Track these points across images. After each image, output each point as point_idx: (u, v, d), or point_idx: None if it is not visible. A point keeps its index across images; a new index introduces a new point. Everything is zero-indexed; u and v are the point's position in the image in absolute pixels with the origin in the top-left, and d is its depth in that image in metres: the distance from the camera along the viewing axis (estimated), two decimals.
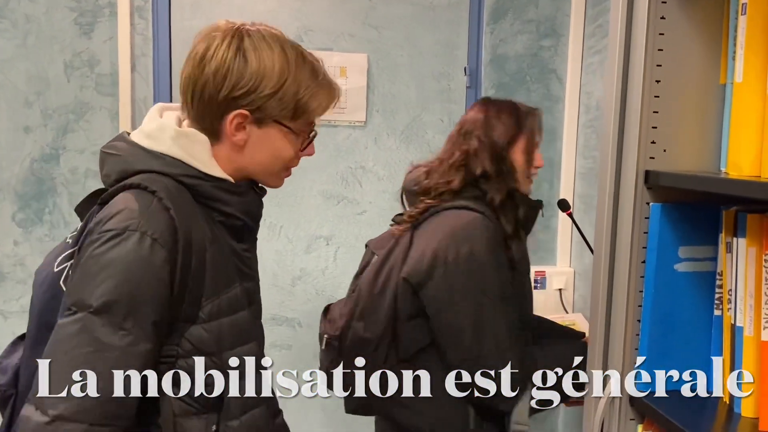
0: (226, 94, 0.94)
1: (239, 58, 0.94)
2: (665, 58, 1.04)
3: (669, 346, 1.08)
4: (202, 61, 0.94)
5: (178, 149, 0.94)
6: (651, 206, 1.06)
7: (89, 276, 0.85)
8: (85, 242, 0.88)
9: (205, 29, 0.99)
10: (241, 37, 0.96)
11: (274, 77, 0.95)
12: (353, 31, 2.03)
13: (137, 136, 0.97)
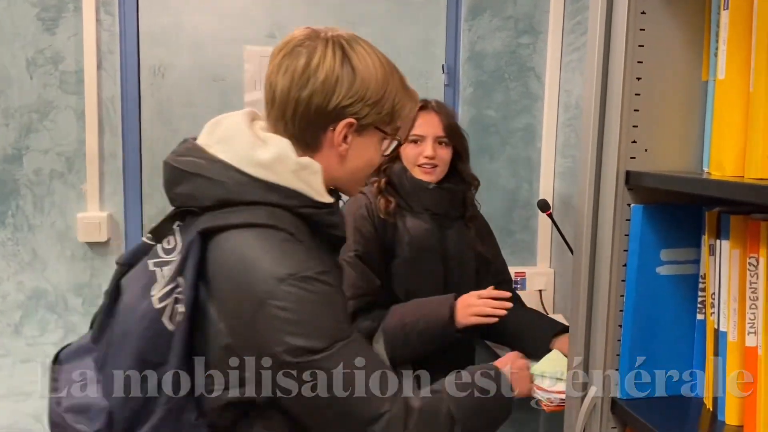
0: (336, 104, 0.94)
1: (346, 66, 0.94)
2: (646, 54, 1.00)
3: (651, 352, 1.05)
4: (306, 73, 0.93)
5: (298, 182, 0.92)
6: (632, 207, 1.03)
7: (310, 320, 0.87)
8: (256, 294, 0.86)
9: (287, 41, 0.99)
10: (341, 45, 0.96)
11: (378, 84, 0.97)
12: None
13: (243, 162, 0.90)
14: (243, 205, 0.90)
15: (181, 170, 0.93)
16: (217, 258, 0.88)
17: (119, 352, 0.88)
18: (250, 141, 0.93)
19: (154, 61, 1.90)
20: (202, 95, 1.94)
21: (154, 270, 0.90)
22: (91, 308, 1.91)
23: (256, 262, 0.86)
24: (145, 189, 1.93)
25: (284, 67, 0.95)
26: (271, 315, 0.85)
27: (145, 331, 0.86)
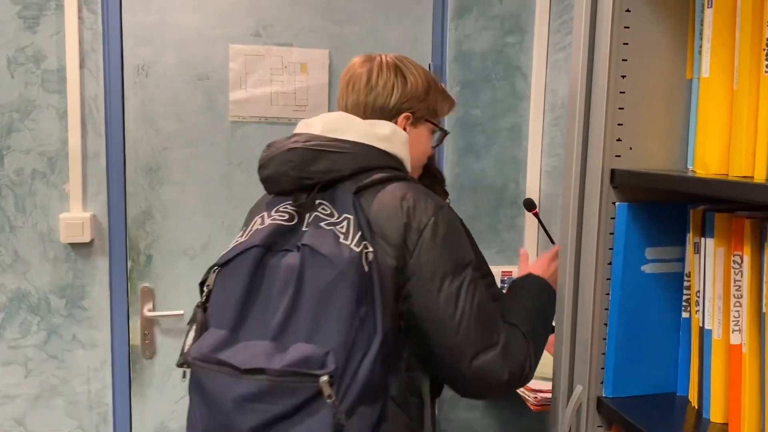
0: (397, 99, 1.26)
1: (398, 75, 1.27)
2: (631, 52, 1.00)
3: (637, 350, 1.05)
4: (369, 84, 1.26)
5: (404, 152, 1.21)
6: (617, 206, 1.02)
7: (452, 248, 1.11)
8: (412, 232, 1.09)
9: (351, 67, 1.31)
10: (395, 63, 1.29)
11: (423, 88, 1.29)
12: (313, 26, 1.97)
13: (366, 137, 1.16)
14: (373, 170, 1.14)
15: (314, 151, 1.12)
16: (376, 207, 1.10)
17: (331, 296, 0.98)
18: (364, 123, 1.19)
19: (138, 59, 1.88)
20: (186, 94, 1.91)
21: (330, 229, 1.05)
22: (74, 310, 1.89)
23: (420, 202, 1.11)
24: (129, 189, 1.90)
25: (351, 86, 1.27)
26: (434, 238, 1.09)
27: (357, 269, 1.00)
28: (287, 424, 0.95)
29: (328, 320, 0.98)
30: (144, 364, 1.97)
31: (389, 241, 1.08)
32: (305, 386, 0.95)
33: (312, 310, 0.99)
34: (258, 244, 1.04)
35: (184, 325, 1.96)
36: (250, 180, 1.97)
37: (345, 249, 1.01)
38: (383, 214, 1.09)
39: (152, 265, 1.94)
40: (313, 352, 0.96)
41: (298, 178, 1.12)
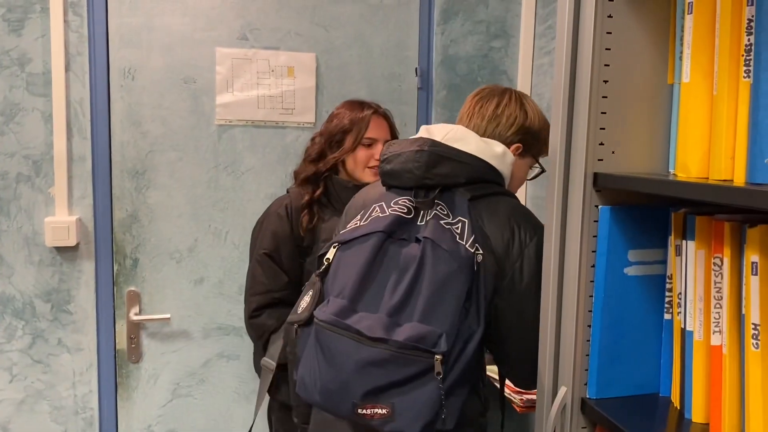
0: (514, 131, 1.37)
1: (522, 110, 1.39)
2: (613, 57, 1.02)
3: (620, 352, 1.06)
4: (495, 112, 1.38)
5: (507, 171, 1.30)
6: (600, 209, 1.03)
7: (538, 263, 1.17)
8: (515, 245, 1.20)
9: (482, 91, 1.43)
10: (519, 96, 1.41)
11: (539, 125, 1.41)
12: (300, 29, 1.97)
13: (483, 153, 1.26)
14: (484, 182, 1.25)
15: (439, 156, 1.22)
16: (487, 216, 1.21)
17: (447, 287, 1.10)
18: (480, 139, 1.29)
19: (124, 63, 1.87)
20: (172, 97, 1.91)
21: (449, 228, 1.17)
22: (59, 314, 1.88)
23: (527, 219, 1.23)
24: (115, 192, 1.90)
25: (479, 107, 1.39)
26: (537, 255, 1.18)
27: (470, 267, 1.12)
28: (397, 392, 1.07)
29: (443, 307, 1.09)
30: (130, 368, 1.96)
31: (495, 249, 1.18)
32: (421, 360, 1.06)
33: (430, 296, 1.10)
34: (382, 230, 1.17)
35: (170, 329, 1.96)
36: (236, 183, 1.97)
37: (462, 248, 1.14)
38: (493, 224, 1.20)
39: (138, 268, 1.93)
40: (428, 332, 1.07)
41: (421, 177, 1.22)
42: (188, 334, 1.98)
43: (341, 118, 1.72)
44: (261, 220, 1.73)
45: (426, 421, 1.06)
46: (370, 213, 1.24)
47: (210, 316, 1.99)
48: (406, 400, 1.06)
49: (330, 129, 1.72)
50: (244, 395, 2.04)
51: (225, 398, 2.03)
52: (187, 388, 2.00)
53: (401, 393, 1.06)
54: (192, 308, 1.98)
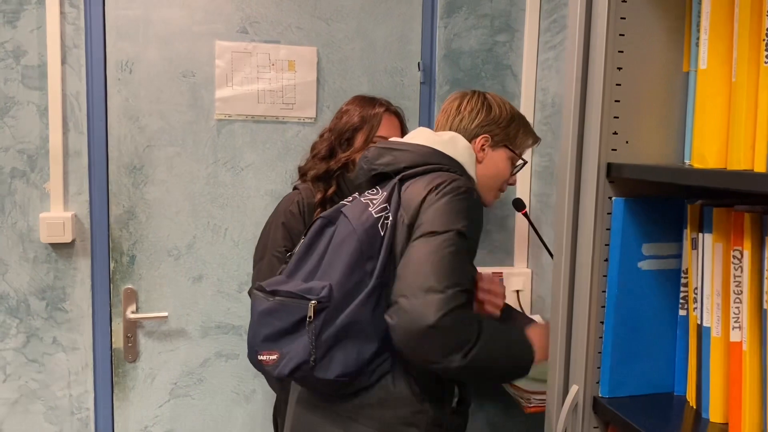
0: (478, 123, 1.46)
1: (483, 104, 1.48)
2: (627, 44, 0.98)
3: (634, 349, 1.03)
4: (458, 110, 1.47)
5: (466, 157, 1.38)
6: (613, 201, 1.00)
7: (452, 214, 1.20)
8: (430, 196, 1.23)
9: (448, 99, 1.54)
10: (483, 95, 1.50)
11: (506, 118, 1.48)
12: (301, 23, 1.94)
13: (429, 141, 1.36)
14: (427, 165, 1.31)
15: (383, 148, 1.37)
16: (408, 187, 1.28)
17: (342, 247, 1.21)
18: (432, 132, 1.41)
19: (121, 55, 1.84)
20: (171, 91, 1.87)
21: (367, 201, 1.28)
22: (54, 312, 1.84)
23: (445, 182, 1.25)
24: (111, 188, 1.86)
25: (445, 112, 1.50)
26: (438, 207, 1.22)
27: (368, 230, 1.21)
28: (287, 340, 1.19)
29: (335, 264, 1.21)
30: (127, 367, 1.92)
31: (409, 208, 1.24)
32: (300, 307, 1.18)
33: (328, 257, 1.23)
34: (323, 216, 1.31)
35: (168, 328, 1.92)
36: (236, 179, 1.94)
37: (365, 214, 1.24)
38: (413, 191, 1.26)
39: (135, 266, 1.90)
40: (316, 285, 1.19)
41: (368, 170, 1.37)
42: (186, 333, 1.95)
43: (351, 115, 1.68)
44: (271, 220, 1.68)
45: (296, 363, 1.17)
46: None
47: (208, 314, 1.95)
48: (292, 346, 1.18)
49: (340, 126, 1.68)
50: (243, 395, 2.00)
51: (224, 398, 1.99)
52: (184, 387, 1.96)
53: (290, 341, 1.19)
54: (190, 306, 1.94)
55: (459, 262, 1.18)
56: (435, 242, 1.17)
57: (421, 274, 1.15)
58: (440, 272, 1.15)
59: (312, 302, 1.16)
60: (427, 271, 1.15)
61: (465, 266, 1.21)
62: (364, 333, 1.18)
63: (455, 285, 1.15)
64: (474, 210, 1.26)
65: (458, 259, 1.18)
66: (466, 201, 1.23)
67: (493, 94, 1.52)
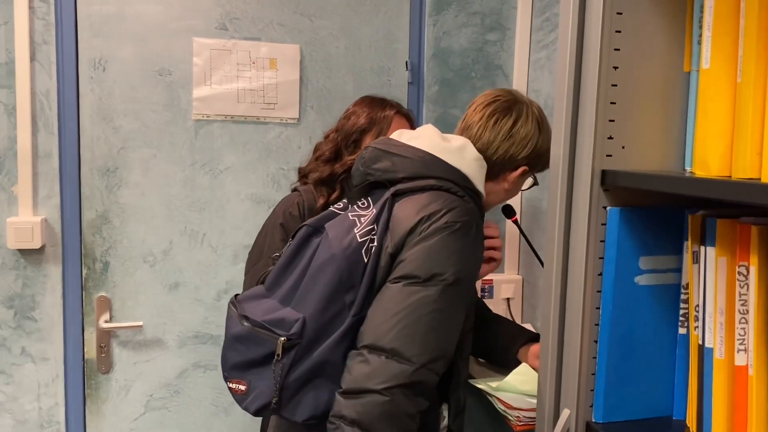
0: (527, 153, 1.26)
1: (538, 130, 1.27)
2: (624, 41, 0.91)
3: (630, 370, 0.96)
4: (512, 130, 1.25)
5: (472, 170, 1.19)
6: (608, 211, 0.93)
7: (442, 257, 1.06)
8: (420, 228, 1.08)
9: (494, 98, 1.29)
10: (537, 114, 1.28)
11: (547, 144, 1.25)
12: (283, 19, 1.86)
13: (434, 148, 1.18)
14: (429, 178, 1.15)
15: (381, 150, 1.19)
16: (399, 208, 1.12)
17: (320, 274, 1.08)
18: (439, 135, 1.21)
19: (94, 53, 1.76)
20: (146, 90, 1.80)
21: (354, 218, 1.13)
22: (23, 321, 1.75)
23: (442, 210, 1.09)
24: (83, 191, 1.78)
25: (492, 119, 1.26)
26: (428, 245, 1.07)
27: (350, 256, 1.08)
28: (256, 371, 1.10)
29: (312, 294, 1.08)
30: (100, 379, 1.84)
31: (395, 235, 1.10)
32: (270, 341, 1.08)
33: (306, 282, 1.10)
34: (308, 224, 1.18)
35: (143, 337, 1.85)
36: (214, 182, 1.86)
37: (349, 237, 1.10)
38: (402, 214, 1.11)
39: (109, 273, 1.82)
40: (289, 316, 1.08)
41: (363, 173, 1.21)
42: (162, 343, 1.87)
43: (358, 116, 1.59)
44: (268, 222, 1.58)
45: (262, 404, 1.08)
46: None
47: (185, 323, 1.88)
48: (259, 379, 1.09)
49: (347, 127, 1.59)
50: (222, 407, 1.92)
51: (202, 411, 1.91)
52: (161, 400, 1.88)
53: (259, 372, 1.09)
54: (166, 315, 1.86)
55: (441, 325, 1.05)
56: (415, 296, 1.03)
57: (392, 331, 1.02)
58: (414, 337, 1.02)
59: (281, 339, 1.05)
60: (399, 329, 1.02)
61: (450, 326, 1.07)
62: (339, 373, 1.06)
63: (429, 358, 1.03)
64: (471, 248, 1.10)
65: (441, 322, 1.05)
66: (461, 239, 1.08)
67: (542, 113, 1.31)
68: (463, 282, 1.08)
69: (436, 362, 1.05)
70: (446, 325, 1.07)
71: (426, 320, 1.03)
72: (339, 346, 1.06)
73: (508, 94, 1.30)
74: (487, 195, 1.26)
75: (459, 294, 1.08)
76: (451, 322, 1.08)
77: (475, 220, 1.12)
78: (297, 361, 1.06)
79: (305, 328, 1.06)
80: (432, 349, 1.04)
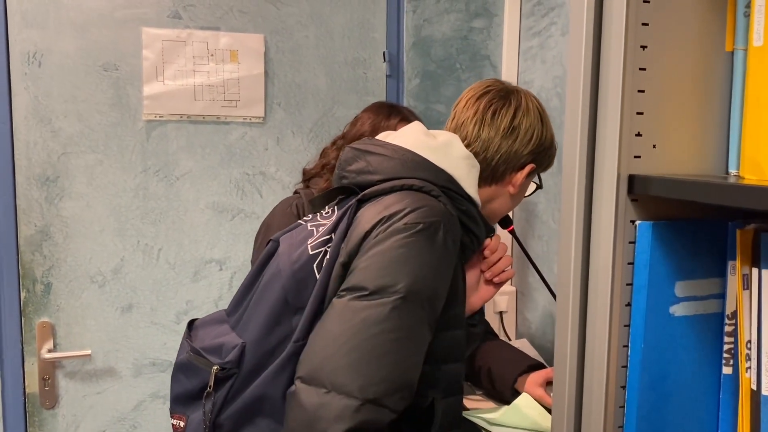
0: (532, 149, 1.12)
1: (540, 121, 1.14)
2: (654, 14, 0.73)
3: (665, 421, 0.79)
4: (513, 123, 1.11)
5: (460, 170, 1.05)
6: (638, 226, 0.76)
7: (396, 264, 0.90)
8: (376, 231, 0.93)
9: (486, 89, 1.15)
10: (536, 103, 1.15)
11: (551, 137, 1.16)
12: (245, 6, 1.71)
13: (416, 146, 1.04)
14: (408, 179, 1.00)
15: (358, 150, 1.06)
16: (361, 212, 0.98)
17: (264, 294, 0.97)
18: (424, 131, 1.09)
19: (28, 45, 1.58)
20: (89, 88, 1.63)
21: (312, 228, 1.02)
22: None
23: (404, 211, 0.94)
24: (20, 203, 1.60)
25: (491, 115, 1.11)
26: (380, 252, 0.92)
27: (297, 272, 0.96)
28: (195, 405, 0.98)
29: (255, 316, 0.98)
30: (44, 415, 1.67)
31: (350, 242, 0.96)
32: (204, 370, 0.97)
33: (252, 305, 1.00)
34: (274, 238, 1.06)
35: (92, 367, 1.67)
36: (170, 191, 1.68)
37: (300, 249, 0.99)
38: (363, 218, 0.97)
39: (52, 295, 1.65)
40: (229, 341, 0.97)
41: (339, 176, 1.09)
42: (115, 373, 1.71)
43: (363, 123, 1.55)
44: (265, 222, 1.50)
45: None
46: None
47: (141, 349, 1.72)
48: (196, 414, 0.98)
49: (351, 134, 1.55)
50: None
51: None
52: None
53: (197, 406, 0.98)
54: (119, 341, 1.71)
55: (393, 349, 0.88)
56: (361, 313, 0.87)
57: (333, 358, 0.86)
58: (359, 365, 0.85)
59: (214, 368, 0.94)
60: (340, 355, 0.86)
61: (406, 351, 0.90)
62: (281, 411, 0.91)
63: (378, 390, 0.86)
64: (436, 258, 0.94)
65: (393, 345, 0.88)
66: (422, 244, 0.92)
67: (535, 96, 1.18)
68: (421, 298, 0.91)
69: (390, 396, 0.87)
70: (400, 349, 0.89)
71: (373, 343, 0.87)
72: (278, 377, 0.92)
73: (499, 84, 1.17)
74: (491, 202, 1.13)
75: (416, 311, 0.91)
76: (407, 346, 0.90)
77: (449, 225, 0.96)
78: (233, 396, 0.94)
79: (244, 355, 0.95)
80: (381, 379, 0.87)
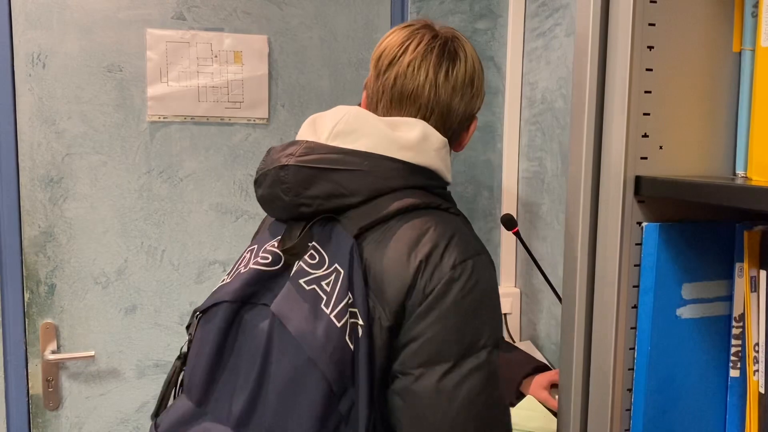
0: (481, 100, 0.99)
1: (478, 59, 0.99)
2: (661, 13, 0.72)
3: (672, 425, 0.77)
4: (465, 81, 0.95)
5: (439, 161, 0.91)
6: (644, 227, 0.75)
7: (473, 317, 0.81)
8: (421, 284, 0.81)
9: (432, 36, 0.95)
10: (471, 47, 0.98)
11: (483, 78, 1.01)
12: (249, 7, 1.68)
13: (386, 148, 0.87)
14: (393, 192, 0.86)
15: (312, 169, 0.84)
16: (379, 255, 0.82)
17: (298, 389, 0.78)
18: (383, 125, 0.88)
19: (32, 47, 1.56)
20: (93, 89, 1.60)
21: (312, 287, 0.81)
22: None
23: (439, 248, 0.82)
24: (24, 205, 1.58)
25: (444, 73, 0.93)
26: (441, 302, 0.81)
27: (334, 355, 0.77)
28: None
29: (294, 419, 0.78)
30: (48, 417, 1.64)
31: (385, 298, 0.81)
32: None
33: (276, 403, 0.79)
34: (229, 300, 0.85)
35: (96, 368, 1.65)
36: (173, 192, 1.66)
37: (321, 323, 0.78)
38: (386, 264, 0.82)
39: (55, 296, 1.62)
40: None
41: (293, 204, 0.86)
42: (118, 374, 1.68)
43: None
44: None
45: None
46: (240, 262, 0.92)
47: (144, 351, 1.69)
48: None
49: None
50: None
51: None
52: None
53: None
54: (122, 343, 1.68)
55: (501, 403, 0.84)
56: (461, 390, 0.79)
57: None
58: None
59: None
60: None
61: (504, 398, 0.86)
62: None
63: None
64: (491, 278, 0.86)
65: (500, 401, 0.83)
66: (478, 280, 0.83)
67: (464, 38, 1.00)
68: (501, 327, 0.86)
69: None
70: (503, 399, 0.86)
71: (485, 415, 0.81)
72: None
73: (423, 26, 0.96)
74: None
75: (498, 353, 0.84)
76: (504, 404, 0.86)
77: (471, 231, 0.89)
78: None
79: None
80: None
